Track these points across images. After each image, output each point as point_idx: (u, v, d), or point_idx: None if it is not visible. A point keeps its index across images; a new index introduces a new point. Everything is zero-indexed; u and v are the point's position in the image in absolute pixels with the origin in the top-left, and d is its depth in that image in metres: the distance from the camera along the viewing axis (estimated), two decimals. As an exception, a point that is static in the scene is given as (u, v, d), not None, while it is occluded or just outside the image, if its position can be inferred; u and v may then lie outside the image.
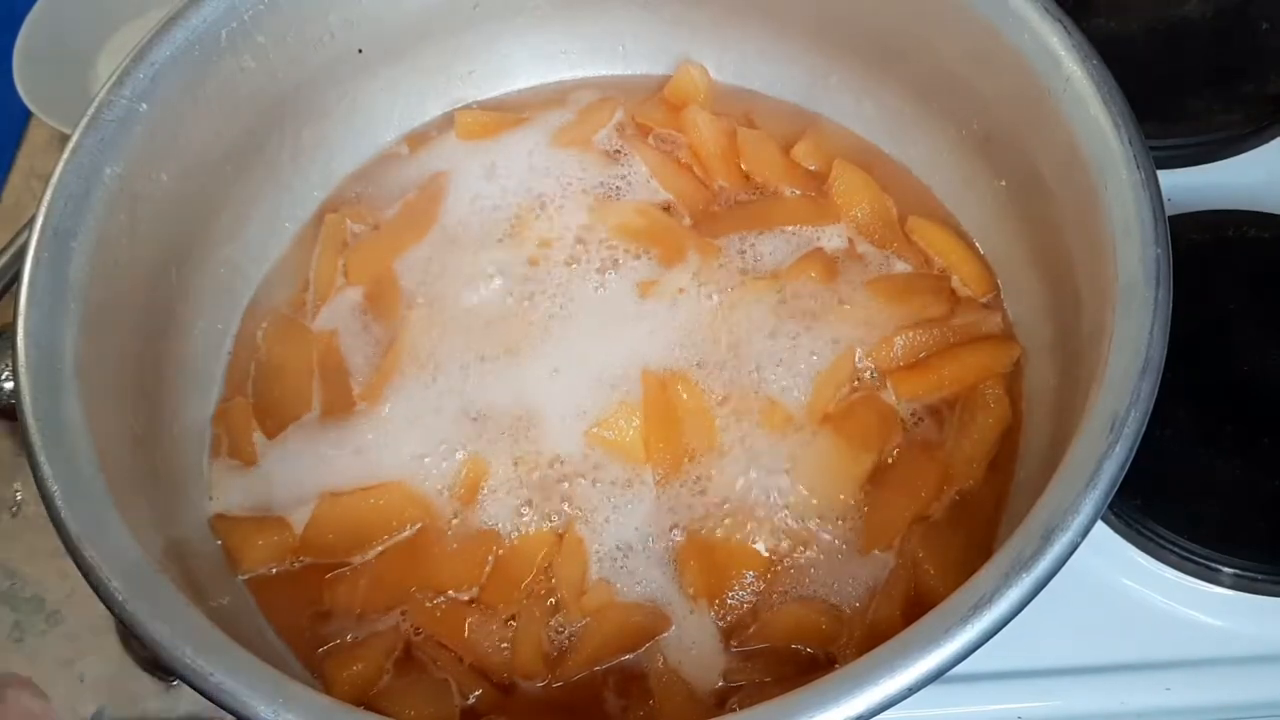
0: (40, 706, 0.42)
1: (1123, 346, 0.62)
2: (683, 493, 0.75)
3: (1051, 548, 0.57)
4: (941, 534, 0.73)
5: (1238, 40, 1.01)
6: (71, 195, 0.70)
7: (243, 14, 0.78)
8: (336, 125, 0.90)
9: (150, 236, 0.76)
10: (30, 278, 0.67)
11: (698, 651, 0.71)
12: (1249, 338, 0.84)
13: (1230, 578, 0.76)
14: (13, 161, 1.04)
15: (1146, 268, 0.63)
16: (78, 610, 0.82)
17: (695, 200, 0.89)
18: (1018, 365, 0.79)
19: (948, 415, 0.78)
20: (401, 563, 0.75)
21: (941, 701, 0.74)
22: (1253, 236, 0.88)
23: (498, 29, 0.93)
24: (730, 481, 0.75)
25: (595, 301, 0.83)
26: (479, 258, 0.86)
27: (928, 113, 0.87)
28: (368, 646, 0.72)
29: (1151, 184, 0.66)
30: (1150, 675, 0.75)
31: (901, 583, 0.71)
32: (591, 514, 0.75)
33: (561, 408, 0.79)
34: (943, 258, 0.84)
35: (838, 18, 0.87)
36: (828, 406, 0.77)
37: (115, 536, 0.61)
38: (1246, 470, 0.79)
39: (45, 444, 0.63)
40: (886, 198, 0.87)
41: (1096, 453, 0.59)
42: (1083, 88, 0.70)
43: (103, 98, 0.73)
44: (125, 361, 0.73)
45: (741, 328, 0.81)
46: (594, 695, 0.71)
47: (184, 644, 0.57)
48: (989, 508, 0.74)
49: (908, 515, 0.73)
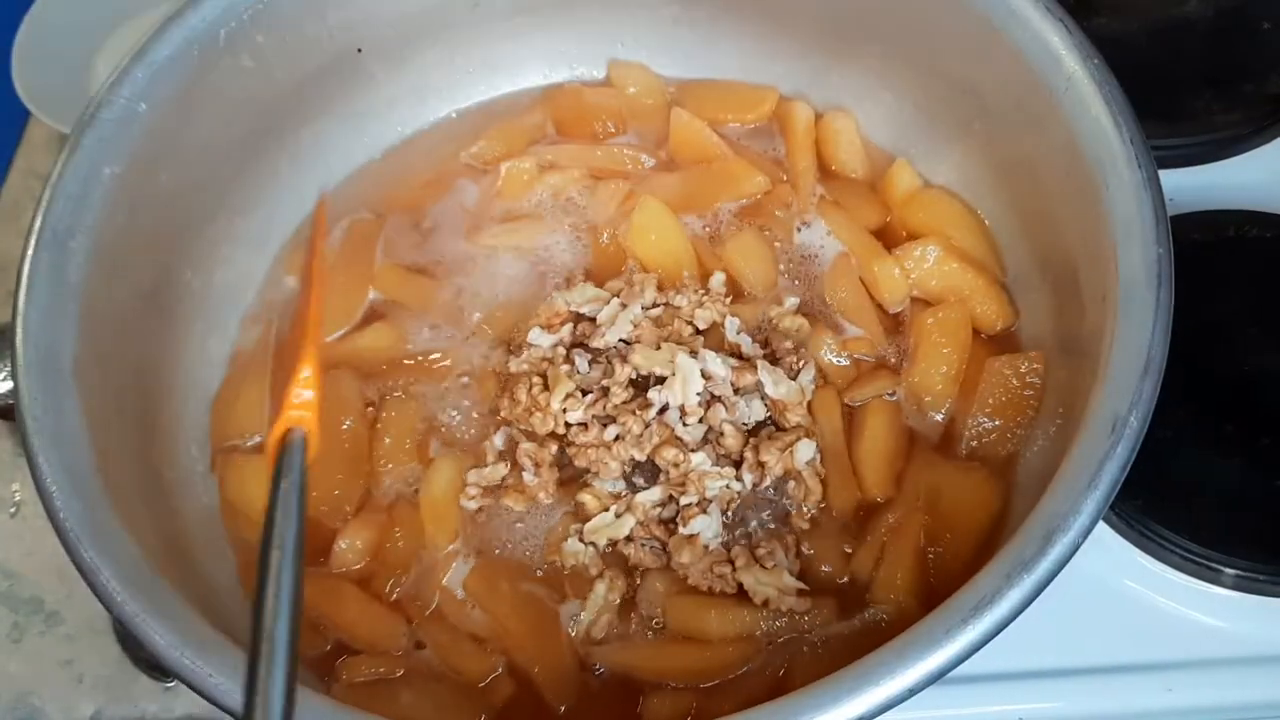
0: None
1: (1124, 347, 0.62)
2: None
3: (1053, 549, 0.57)
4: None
5: (1238, 40, 1.01)
6: (71, 195, 0.70)
7: (241, 14, 0.77)
8: (336, 125, 0.90)
9: (150, 237, 0.76)
10: (30, 278, 0.67)
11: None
12: (1250, 338, 0.84)
13: (1231, 578, 0.76)
14: (11, 161, 1.04)
15: (1148, 268, 0.63)
16: (76, 611, 0.82)
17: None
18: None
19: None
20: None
21: (943, 702, 0.74)
22: (1254, 236, 0.87)
23: (498, 29, 0.93)
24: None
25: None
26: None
27: (928, 112, 0.87)
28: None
29: (1153, 184, 0.66)
30: (1151, 676, 0.75)
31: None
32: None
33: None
34: (952, 227, 0.84)
35: (838, 17, 0.87)
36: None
37: (114, 536, 0.61)
38: (1247, 470, 0.79)
39: (44, 444, 0.63)
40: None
41: (1098, 454, 0.59)
42: (1084, 87, 0.70)
43: (101, 98, 0.73)
44: (125, 361, 0.73)
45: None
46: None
47: (182, 645, 0.57)
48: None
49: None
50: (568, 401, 0.76)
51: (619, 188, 0.89)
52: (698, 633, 0.71)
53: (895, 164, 0.88)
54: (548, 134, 0.95)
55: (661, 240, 0.85)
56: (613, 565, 0.74)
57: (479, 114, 0.96)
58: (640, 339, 0.78)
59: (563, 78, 0.97)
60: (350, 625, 0.73)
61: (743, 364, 0.78)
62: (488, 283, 0.87)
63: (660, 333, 0.79)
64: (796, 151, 0.90)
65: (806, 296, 0.84)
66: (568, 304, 0.81)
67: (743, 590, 0.72)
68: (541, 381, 0.78)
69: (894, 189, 0.87)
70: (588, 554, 0.74)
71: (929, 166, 0.88)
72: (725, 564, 0.72)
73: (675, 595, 0.73)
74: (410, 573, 0.75)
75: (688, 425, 0.75)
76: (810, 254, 0.86)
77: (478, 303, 0.86)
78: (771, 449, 0.74)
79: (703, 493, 0.73)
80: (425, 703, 0.70)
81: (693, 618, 0.71)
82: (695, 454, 0.74)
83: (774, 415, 0.77)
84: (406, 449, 0.79)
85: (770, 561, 0.72)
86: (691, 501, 0.74)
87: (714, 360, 0.76)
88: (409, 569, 0.75)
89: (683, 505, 0.74)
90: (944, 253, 0.82)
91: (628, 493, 0.76)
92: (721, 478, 0.74)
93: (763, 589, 0.71)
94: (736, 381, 0.76)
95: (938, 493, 0.74)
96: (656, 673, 0.70)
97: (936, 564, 0.72)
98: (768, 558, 0.72)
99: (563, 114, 0.95)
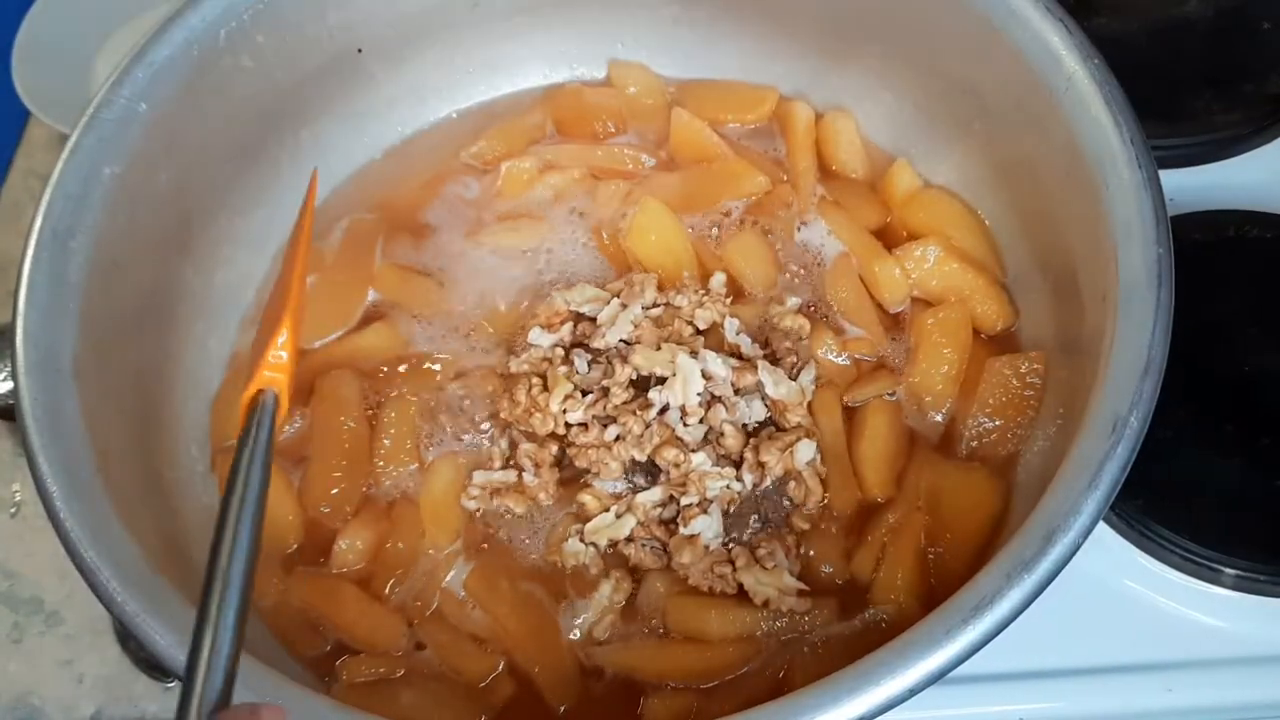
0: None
1: (1124, 347, 0.62)
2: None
3: (1053, 549, 0.57)
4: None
5: (1238, 40, 1.01)
6: (71, 195, 0.70)
7: (241, 14, 0.77)
8: (336, 125, 0.90)
9: (150, 237, 0.76)
10: (30, 278, 0.67)
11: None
12: (1250, 338, 0.84)
13: (1232, 578, 0.76)
14: (11, 161, 1.04)
15: (1148, 268, 0.63)
16: (76, 611, 0.82)
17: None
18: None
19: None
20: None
21: (943, 702, 0.73)
22: (1254, 236, 0.87)
23: (498, 29, 0.93)
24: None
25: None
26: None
27: (928, 112, 0.87)
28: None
29: (1153, 184, 0.66)
30: (1152, 676, 0.75)
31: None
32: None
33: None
34: (952, 228, 0.84)
35: (839, 17, 0.87)
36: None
37: (114, 536, 0.61)
38: (1247, 470, 0.79)
39: (44, 444, 0.63)
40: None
41: (1098, 454, 0.59)
42: (1084, 87, 0.70)
43: (101, 98, 0.73)
44: (125, 361, 0.73)
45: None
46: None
47: (182, 645, 0.57)
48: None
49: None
50: (567, 402, 0.76)
51: (619, 188, 0.89)
52: (698, 633, 0.71)
53: (895, 164, 0.88)
54: (548, 134, 0.94)
55: (662, 240, 0.85)
56: (616, 566, 0.74)
57: (479, 114, 0.96)
58: (641, 339, 0.78)
59: (563, 78, 0.97)
60: (350, 625, 0.73)
61: (743, 364, 0.78)
62: (488, 282, 0.87)
63: (660, 333, 0.79)
64: (797, 151, 0.90)
65: (807, 296, 0.84)
66: (568, 304, 0.81)
67: (743, 590, 0.72)
68: (541, 382, 0.78)
69: (894, 189, 0.87)
70: (588, 554, 0.74)
71: (929, 166, 0.88)
72: (726, 564, 0.72)
73: (675, 595, 0.73)
74: (410, 573, 0.75)
75: (688, 425, 0.75)
76: (811, 254, 0.86)
77: (478, 302, 0.86)
78: (772, 449, 0.74)
79: (703, 493, 0.73)
80: (426, 703, 0.70)
81: (693, 618, 0.72)
82: (696, 454, 0.74)
83: (774, 415, 0.77)
84: (407, 449, 0.79)
85: (770, 562, 0.72)
86: (692, 502, 0.74)
87: (714, 361, 0.76)
88: (409, 569, 0.75)
89: (683, 505, 0.74)
90: (944, 253, 0.82)
91: (628, 493, 0.76)
92: (722, 478, 0.74)
93: (763, 589, 0.71)
94: (737, 382, 0.76)
95: (938, 493, 0.74)
96: (657, 673, 0.70)
97: (936, 564, 0.72)
98: (768, 558, 0.72)
99: (563, 114, 0.94)
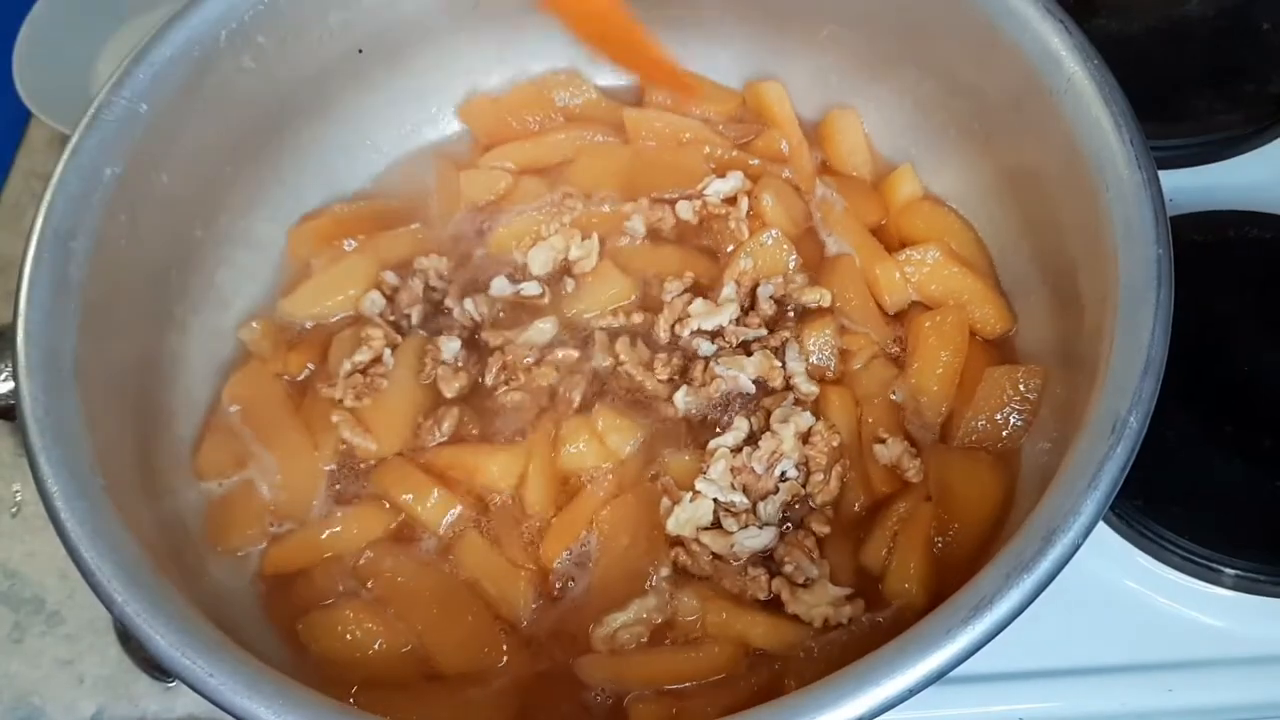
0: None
1: (1124, 347, 0.62)
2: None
3: (1053, 549, 0.57)
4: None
5: (1238, 40, 1.01)
6: (71, 195, 0.70)
7: (242, 14, 0.78)
8: (336, 125, 0.90)
9: (150, 236, 0.76)
10: (30, 278, 0.67)
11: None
12: (1249, 338, 0.84)
13: (1231, 578, 0.76)
14: (12, 161, 1.04)
15: (1148, 268, 0.63)
16: (77, 611, 0.82)
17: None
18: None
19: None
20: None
21: (943, 702, 0.74)
22: (1254, 236, 0.88)
23: (497, 29, 0.93)
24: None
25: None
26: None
27: (928, 112, 0.87)
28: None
29: (1153, 184, 0.66)
30: (1152, 676, 0.75)
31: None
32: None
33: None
34: (948, 237, 0.84)
35: (838, 19, 0.87)
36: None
37: (114, 536, 0.61)
38: (1247, 470, 0.79)
39: (45, 444, 0.63)
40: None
41: (1098, 454, 0.59)
42: (1084, 88, 0.70)
43: (103, 98, 0.73)
44: (125, 361, 0.73)
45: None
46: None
47: (182, 645, 0.57)
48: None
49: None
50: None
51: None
52: (738, 638, 0.70)
53: (899, 169, 0.88)
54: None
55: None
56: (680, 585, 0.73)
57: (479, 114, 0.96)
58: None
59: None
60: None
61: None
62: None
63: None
64: (784, 126, 0.90)
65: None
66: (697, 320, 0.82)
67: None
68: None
69: (895, 193, 0.87)
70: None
71: (929, 167, 0.88)
72: (763, 575, 0.72)
73: (713, 600, 0.72)
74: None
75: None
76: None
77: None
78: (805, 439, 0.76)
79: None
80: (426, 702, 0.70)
81: (736, 627, 0.71)
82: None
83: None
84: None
85: (801, 577, 0.71)
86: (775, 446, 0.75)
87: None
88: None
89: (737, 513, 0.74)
90: (944, 256, 0.82)
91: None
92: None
93: (818, 611, 0.70)
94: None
95: (945, 482, 0.74)
96: (649, 678, 0.70)
97: (944, 553, 0.71)
98: (797, 574, 0.71)
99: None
